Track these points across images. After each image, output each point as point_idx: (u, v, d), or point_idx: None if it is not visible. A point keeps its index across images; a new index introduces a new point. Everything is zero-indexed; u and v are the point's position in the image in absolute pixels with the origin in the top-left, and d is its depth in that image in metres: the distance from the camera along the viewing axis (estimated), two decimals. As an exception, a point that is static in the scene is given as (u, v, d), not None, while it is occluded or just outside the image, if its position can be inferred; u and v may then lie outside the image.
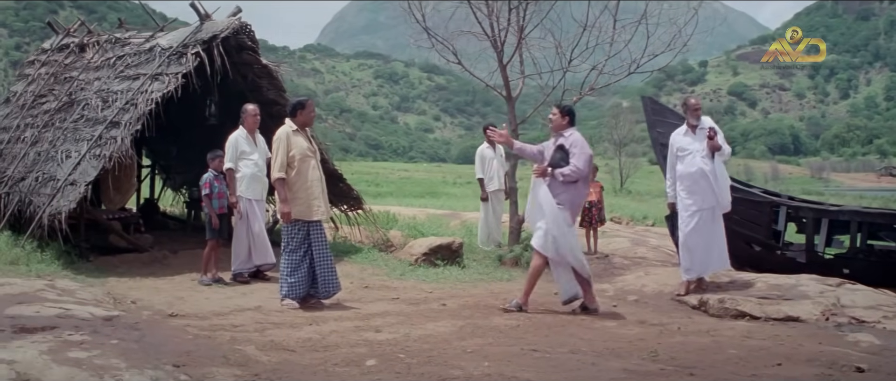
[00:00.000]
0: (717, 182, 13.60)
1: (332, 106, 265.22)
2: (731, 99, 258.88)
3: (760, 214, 17.85)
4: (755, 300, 12.66)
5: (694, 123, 13.92)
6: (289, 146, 12.30)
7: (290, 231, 12.42)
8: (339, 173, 18.96)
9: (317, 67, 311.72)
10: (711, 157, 13.60)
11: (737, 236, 17.83)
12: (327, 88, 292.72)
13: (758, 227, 17.90)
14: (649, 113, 18.34)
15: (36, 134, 18.17)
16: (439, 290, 14.52)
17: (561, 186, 12.29)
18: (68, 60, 20.12)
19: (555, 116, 12.67)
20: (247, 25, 16.85)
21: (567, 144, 12.34)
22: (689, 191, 13.77)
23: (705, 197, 13.63)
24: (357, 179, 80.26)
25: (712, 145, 13.48)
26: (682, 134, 14.12)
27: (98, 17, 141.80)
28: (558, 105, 13.14)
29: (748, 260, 18.12)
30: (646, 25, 18.31)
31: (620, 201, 54.57)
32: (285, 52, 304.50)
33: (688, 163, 13.78)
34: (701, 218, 13.70)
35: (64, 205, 15.01)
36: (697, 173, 13.57)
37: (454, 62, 19.47)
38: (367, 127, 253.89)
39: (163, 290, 13.73)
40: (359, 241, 19.48)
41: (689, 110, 14.10)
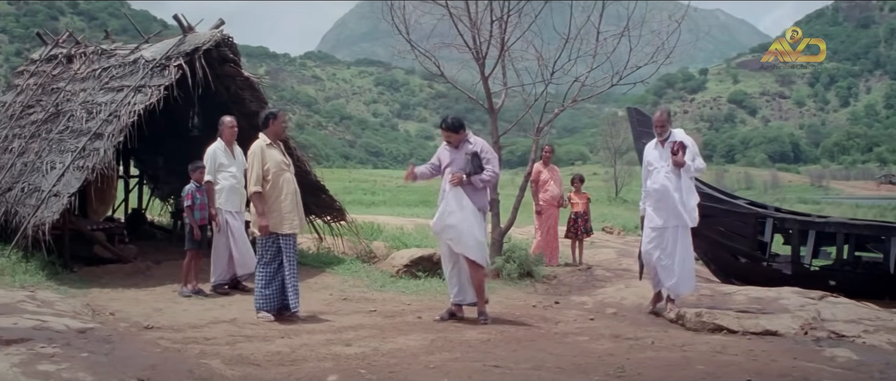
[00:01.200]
0: (683, 199, 13.22)
1: (333, 113, 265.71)
2: (731, 107, 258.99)
3: (745, 225, 17.98)
4: (733, 314, 12.65)
5: (660, 137, 13.61)
6: (263, 160, 12.35)
7: (264, 244, 12.50)
8: (321, 184, 19.05)
9: (317, 75, 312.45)
10: (678, 172, 13.22)
11: (722, 248, 18.24)
12: (328, 96, 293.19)
13: (743, 238, 18.01)
14: (635, 124, 18.33)
15: (23, 145, 18.27)
16: (418, 302, 14.58)
17: (479, 193, 12.66)
18: (56, 71, 20.21)
19: (449, 135, 12.92)
20: (228, 38, 17.01)
21: (478, 149, 12.60)
22: (654, 208, 13.53)
23: (670, 214, 13.30)
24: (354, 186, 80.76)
25: (676, 161, 13.11)
26: (652, 147, 13.83)
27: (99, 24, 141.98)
28: (444, 125, 13.09)
29: (734, 272, 18.40)
30: (628, 37, 18.33)
31: (614, 210, 54.72)
32: (286, 60, 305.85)
33: (653, 179, 13.52)
34: (665, 236, 13.40)
35: (47, 216, 15.08)
36: (661, 190, 13.32)
37: (437, 74, 19.49)
38: (368, 134, 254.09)
39: (143, 301, 13.79)
40: (342, 252, 19.59)
41: (654, 125, 13.85)
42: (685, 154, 13.11)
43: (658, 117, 13.73)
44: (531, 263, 17.32)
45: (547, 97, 19.07)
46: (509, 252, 17.24)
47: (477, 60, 18.50)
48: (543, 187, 19.92)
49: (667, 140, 13.43)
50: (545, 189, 19.88)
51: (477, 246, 12.60)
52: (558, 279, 17.25)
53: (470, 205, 12.47)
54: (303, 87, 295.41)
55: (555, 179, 20.02)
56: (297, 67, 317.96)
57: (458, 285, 12.90)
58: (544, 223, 19.73)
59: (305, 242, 20.21)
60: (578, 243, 20.28)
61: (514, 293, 15.88)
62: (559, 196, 20.01)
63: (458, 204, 12.43)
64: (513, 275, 16.85)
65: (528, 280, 16.93)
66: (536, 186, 19.99)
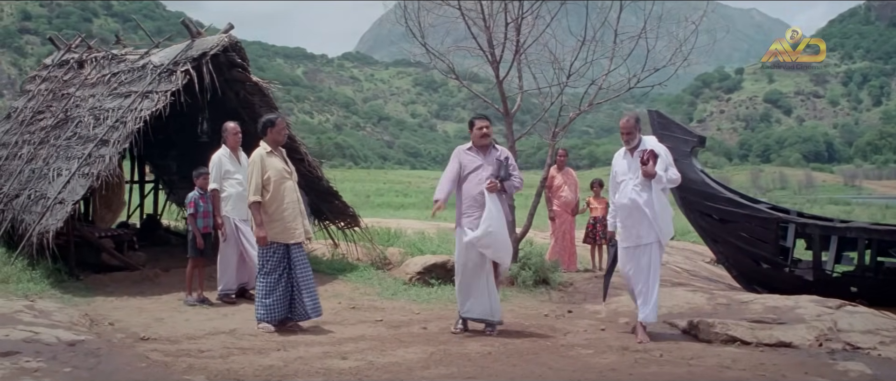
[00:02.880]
0: (655, 214, 11.93)
1: (371, 114, 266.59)
2: (766, 106, 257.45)
3: (767, 230, 17.63)
4: (747, 325, 12.17)
5: (628, 145, 12.27)
6: (263, 169, 12.13)
7: (265, 254, 12.26)
8: (333, 190, 18.83)
9: (355, 75, 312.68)
10: (649, 184, 11.91)
11: (744, 254, 17.98)
12: (366, 96, 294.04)
13: (765, 244, 17.69)
14: (656, 127, 18.14)
15: (32, 151, 18.21)
16: (427, 311, 14.31)
17: (504, 200, 12.37)
18: (67, 77, 20.14)
19: (488, 128, 12.42)
20: (236, 42, 16.72)
21: (503, 156, 12.29)
22: (624, 224, 12.28)
23: (640, 232, 12.07)
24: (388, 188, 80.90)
25: (646, 171, 11.78)
26: (620, 157, 12.48)
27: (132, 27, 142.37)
28: (485, 116, 12.64)
29: (756, 278, 18.10)
30: (646, 39, 17.97)
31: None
32: (324, 61, 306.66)
33: (622, 191, 12.22)
34: (637, 256, 12.18)
35: (51, 224, 14.95)
36: (631, 205, 12.03)
37: (452, 77, 19.22)
38: (406, 135, 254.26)
39: (146, 310, 13.65)
40: (357, 258, 19.29)
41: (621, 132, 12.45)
42: (656, 164, 11.82)
43: (625, 123, 12.33)
44: (547, 270, 16.97)
45: (563, 100, 18.70)
46: (525, 259, 16.88)
47: (491, 63, 18.20)
48: (557, 193, 19.60)
49: (636, 149, 12.12)
50: (559, 194, 19.56)
51: (509, 252, 12.48)
52: (574, 287, 16.86)
53: (503, 211, 12.14)
54: (341, 87, 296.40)
55: (569, 183, 19.64)
56: (334, 68, 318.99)
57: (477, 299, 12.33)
58: (559, 229, 19.42)
59: (319, 248, 20.04)
60: (598, 248, 19.89)
61: (528, 302, 15.53)
62: (574, 202, 19.67)
63: (497, 210, 11.99)
64: (528, 282, 16.48)
65: (543, 288, 16.57)
66: (550, 191, 19.65)
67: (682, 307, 14.25)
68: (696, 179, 18.26)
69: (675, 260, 22.45)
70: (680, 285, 17.24)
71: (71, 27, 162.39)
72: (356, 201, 56.33)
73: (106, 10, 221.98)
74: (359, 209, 19.57)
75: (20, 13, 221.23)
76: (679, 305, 14.40)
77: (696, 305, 14.32)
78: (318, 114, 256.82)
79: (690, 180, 18.00)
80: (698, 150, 18.68)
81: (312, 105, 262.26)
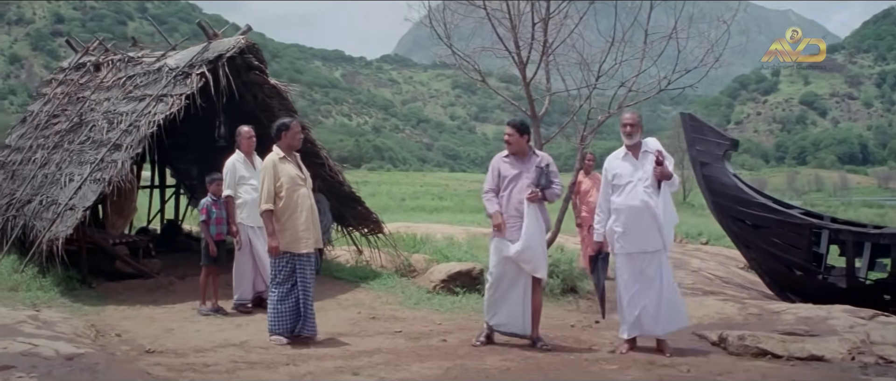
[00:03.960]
0: (663, 219, 11.30)
1: (410, 116, 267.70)
2: (802, 108, 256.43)
3: (800, 236, 17.14)
4: (778, 337, 11.62)
5: (628, 142, 11.58)
6: (275, 175, 11.68)
7: (277, 264, 11.80)
8: (356, 195, 18.40)
9: (394, 78, 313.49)
10: (657, 187, 11.33)
11: (777, 260, 17.55)
12: (405, 99, 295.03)
13: (798, 250, 17.22)
14: (688, 130, 17.93)
15: (46, 155, 17.96)
16: (449, 322, 13.83)
17: (544, 208, 11.73)
18: (83, 80, 19.85)
19: (513, 135, 11.74)
20: (253, 44, 16.35)
21: (543, 163, 11.63)
22: (627, 228, 11.41)
23: (647, 237, 11.30)
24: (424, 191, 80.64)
25: (660, 172, 11.17)
26: (619, 158, 11.69)
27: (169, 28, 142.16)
28: (514, 124, 11.87)
29: (789, 285, 17.66)
30: (676, 39, 17.52)
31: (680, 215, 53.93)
32: (362, 63, 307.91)
33: (629, 193, 11.39)
34: (643, 265, 11.42)
35: (61, 230, 14.60)
36: (641, 207, 11.23)
37: (478, 79, 18.82)
38: (445, 137, 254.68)
39: (157, 320, 13.26)
40: (381, 265, 18.78)
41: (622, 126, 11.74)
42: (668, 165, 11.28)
43: (631, 116, 11.71)
44: (575, 278, 16.56)
45: (592, 103, 18.26)
46: (553, 267, 16.35)
47: (518, 64, 17.78)
48: (585, 198, 19.00)
49: (639, 149, 11.49)
50: (586, 200, 18.91)
51: (545, 263, 11.95)
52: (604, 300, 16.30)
53: (542, 222, 11.60)
54: (379, 90, 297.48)
55: (598, 188, 19.08)
56: (373, 71, 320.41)
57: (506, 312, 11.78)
58: (587, 235, 18.86)
59: (343, 255, 19.67)
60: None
61: (554, 311, 14.93)
62: (601, 207, 19.09)
63: (537, 221, 11.48)
64: (556, 291, 16.01)
65: (571, 296, 16.18)
66: (578, 196, 19.17)
67: (712, 317, 13.91)
68: (729, 184, 17.88)
69: (709, 266, 21.98)
70: (711, 294, 17.04)
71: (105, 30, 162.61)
72: (390, 204, 56.43)
73: (141, 12, 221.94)
74: (392, 213, 19.28)
75: (53, 16, 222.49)
76: (710, 315, 14.05)
77: (727, 315, 13.95)
78: (356, 116, 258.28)
79: (723, 185, 17.80)
80: (731, 153, 18.22)
81: (351, 107, 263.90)
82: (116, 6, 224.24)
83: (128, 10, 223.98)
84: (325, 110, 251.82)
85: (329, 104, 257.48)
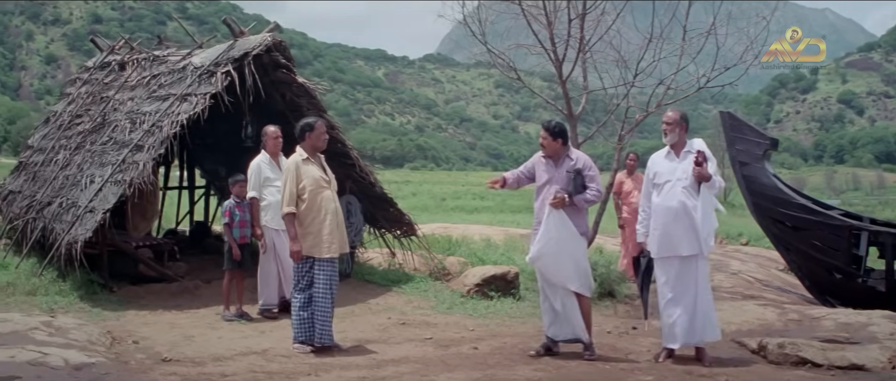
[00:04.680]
0: (701, 223, 10.82)
1: (453, 115, 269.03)
2: (840, 107, 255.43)
3: (839, 238, 16.69)
4: (818, 345, 11.23)
5: (665, 141, 11.26)
6: (298, 177, 11.22)
7: (300, 269, 11.34)
8: (388, 197, 17.88)
9: (437, 77, 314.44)
10: (697, 188, 10.87)
11: (816, 263, 17.08)
12: (447, 98, 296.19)
13: (837, 253, 16.73)
14: (728, 129, 17.55)
15: (67, 156, 17.64)
16: (482, 328, 13.36)
17: (580, 215, 11.18)
18: (108, 79, 19.55)
19: (546, 139, 11.26)
20: (280, 42, 15.90)
21: (581, 166, 11.09)
22: (664, 231, 10.99)
23: (684, 241, 10.85)
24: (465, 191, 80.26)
25: (698, 173, 10.71)
26: (662, 156, 11.33)
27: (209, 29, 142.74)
28: (546, 126, 11.38)
29: (829, 289, 17.19)
30: (715, 36, 17.04)
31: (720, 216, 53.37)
32: (405, 62, 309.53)
33: (667, 194, 11.00)
34: (679, 270, 10.98)
35: (80, 233, 14.21)
36: (678, 209, 10.83)
37: (513, 77, 18.38)
38: (488, 136, 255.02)
39: (178, 326, 12.87)
40: (414, 269, 18.30)
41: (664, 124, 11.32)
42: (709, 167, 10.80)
43: (670, 114, 11.25)
44: (613, 281, 16.09)
45: (630, 101, 17.79)
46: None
47: (554, 62, 17.33)
48: (627, 199, 18.59)
49: (682, 149, 11.11)
50: (628, 201, 18.50)
51: (578, 274, 11.16)
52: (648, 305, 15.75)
53: (572, 229, 11.03)
54: (422, 89, 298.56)
55: (639, 189, 18.60)
56: (416, 70, 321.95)
57: (552, 320, 11.39)
58: (629, 238, 18.39)
59: (375, 257, 19.22)
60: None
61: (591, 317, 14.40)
62: (643, 208, 18.57)
63: (557, 229, 10.97)
64: (593, 295, 15.43)
65: (608, 301, 15.73)
66: (619, 197, 18.72)
67: (752, 324, 13.52)
68: (769, 185, 17.45)
69: (749, 268, 21.52)
70: (751, 298, 16.59)
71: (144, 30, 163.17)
72: (430, 203, 56.26)
73: (180, 12, 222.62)
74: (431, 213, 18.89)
75: (90, 16, 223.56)
76: (749, 321, 13.66)
77: (767, 321, 13.59)
78: (399, 116, 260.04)
79: (763, 186, 17.40)
80: (771, 153, 17.71)
81: (393, 107, 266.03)
82: (156, 6, 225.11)
83: (167, 10, 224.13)
84: (368, 110, 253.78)
85: (372, 104, 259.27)
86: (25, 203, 17.81)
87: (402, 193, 63.82)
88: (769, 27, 18.02)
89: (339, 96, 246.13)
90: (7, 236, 18.42)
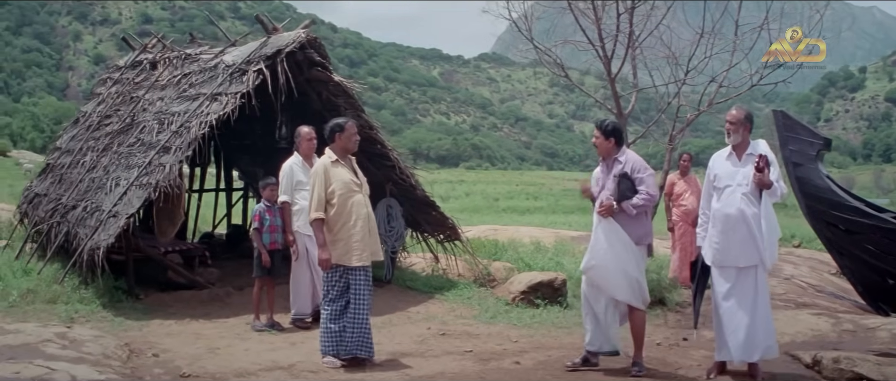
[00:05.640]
0: (761, 231, 10.05)
1: (508, 115, 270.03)
2: (888, 105, 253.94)
3: (893, 242, 15.97)
4: (874, 359, 10.60)
5: (728, 141, 10.47)
6: (327, 181, 10.56)
7: (330, 279, 10.71)
8: (430, 200, 17.24)
9: (492, 76, 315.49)
10: (758, 194, 10.10)
11: (870, 268, 16.43)
12: (503, 97, 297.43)
13: (891, 258, 16.03)
14: (780, 129, 16.79)
15: (94, 158, 17.18)
16: (526, 338, 12.68)
17: (635, 221, 10.36)
18: (138, 79, 19.05)
19: (598, 139, 10.62)
20: (315, 39, 15.33)
21: (629, 169, 10.36)
22: (722, 238, 10.31)
23: (743, 251, 10.14)
24: (519, 191, 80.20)
25: (759, 180, 9.95)
26: (723, 158, 10.60)
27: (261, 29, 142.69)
28: (599, 125, 10.71)
29: (882, 295, 16.51)
30: (768, 31, 16.36)
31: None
32: (460, 61, 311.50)
33: (726, 199, 10.29)
34: (737, 281, 10.27)
35: (103, 239, 13.70)
36: (737, 217, 10.12)
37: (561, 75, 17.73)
38: (543, 135, 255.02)
39: (203, 337, 12.31)
40: (458, 274, 17.68)
41: (727, 123, 10.48)
42: (770, 172, 10.00)
43: (734, 113, 10.43)
44: (664, 289, 15.36)
45: (681, 99, 17.12)
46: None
47: (602, 59, 16.68)
48: (678, 201, 17.91)
49: (745, 151, 10.34)
50: (679, 203, 17.87)
51: (630, 286, 10.41)
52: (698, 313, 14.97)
53: (624, 237, 10.30)
54: (477, 88, 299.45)
55: (694, 191, 17.87)
56: (471, 69, 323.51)
57: (593, 329, 10.70)
58: (679, 241, 17.74)
59: (418, 263, 18.68)
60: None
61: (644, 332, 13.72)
62: (696, 211, 17.71)
63: (607, 238, 10.32)
64: (644, 306, 14.81)
65: (658, 309, 14.88)
66: (670, 199, 18.06)
67: (805, 334, 13.01)
68: (822, 187, 16.73)
69: (801, 272, 20.77)
70: (804, 307, 16.06)
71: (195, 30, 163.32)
72: (483, 204, 55.95)
73: (233, 12, 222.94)
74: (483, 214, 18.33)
75: (140, 16, 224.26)
76: (802, 332, 13.13)
77: (821, 332, 13.10)
78: (454, 115, 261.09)
79: (816, 187, 16.67)
80: (824, 153, 17.05)
81: (449, 106, 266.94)
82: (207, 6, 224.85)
83: (219, 10, 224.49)
84: (423, 109, 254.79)
85: (427, 103, 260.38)
86: (51, 207, 17.38)
87: (455, 192, 63.53)
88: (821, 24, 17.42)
89: (395, 96, 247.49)
90: (32, 241, 17.95)
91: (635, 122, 18.02)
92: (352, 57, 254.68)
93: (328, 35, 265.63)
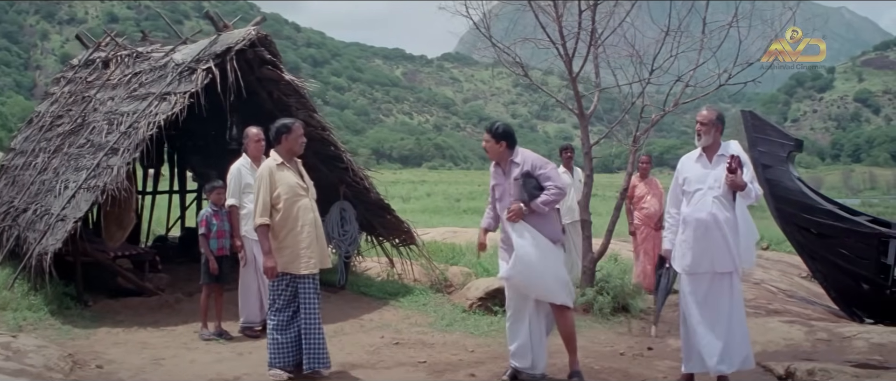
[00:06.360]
0: (735, 236, 9.71)
1: (471, 115, 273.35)
2: (856, 106, 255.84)
3: (867, 247, 15.88)
4: (851, 372, 10.29)
5: (697, 143, 10.07)
6: (272, 185, 10.15)
7: (276, 287, 10.28)
8: (385, 203, 16.91)
9: (455, 76, 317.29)
10: (732, 197, 9.74)
11: (843, 273, 16.37)
12: (466, 97, 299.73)
13: (865, 262, 15.94)
14: (749, 129, 16.94)
15: (46, 160, 16.82)
16: (483, 348, 12.32)
17: (548, 220, 10.05)
18: (91, 78, 18.62)
19: (488, 142, 10.36)
20: (265, 36, 14.91)
21: (530, 167, 10.02)
22: (693, 244, 9.84)
23: (716, 257, 9.70)
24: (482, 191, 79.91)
25: (732, 182, 9.49)
26: (692, 160, 10.18)
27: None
28: (488, 128, 10.48)
29: (855, 300, 16.55)
30: (737, 28, 16.00)
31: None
32: (423, 61, 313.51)
33: (697, 204, 9.84)
34: (710, 288, 9.82)
35: (51, 243, 13.32)
36: (709, 221, 9.69)
37: (521, 75, 17.37)
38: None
39: (149, 347, 11.93)
40: (414, 280, 17.28)
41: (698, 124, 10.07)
42: (744, 174, 9.58)
43: (704, 114, 10.00)
44: (627, 295, 14.98)
45: (645, 99, 16.73)
46: (602, 283, 14.92)
47: (563, 57, 16.29)
48: (639, 204, 17.71)
49: (716, 153, 9.91)
50: (641, 206, 17.67)
51: (562, 286, 10.03)
52: (659, 315, 14.55)
53: (542, 239, 9.90)
54: (440, 88, 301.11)
55: (655, 193, 17.57)
56: (434, 69, 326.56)
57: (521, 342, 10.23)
58: (641, 245, 17.45)
59: (373, 267, 18.28)
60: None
61: (602, 335, 13.46)
62: (658, 214, 17.40)
63: (525, 242, 9.89)
64: (605, 310, 14.46)
65: (622, 316, 14.58)
66: (631, 202, 17.75)
67: (777, 344, 12.62)
68: (793, 189, 16.75)
69: (771, 277, 20.54)
70: (775, 313, 15.74)
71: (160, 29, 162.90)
72: (444, 205, 55.69)
73: (197, 11, 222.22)
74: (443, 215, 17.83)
75: (106, 15, 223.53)
76: (775, 341, 12.77)
77: (794, 341, 12.73)
78: (417, 115, 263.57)
79: (787, 190, 16.68)
80: (795, 155, 16.82)
81: (412, 106, 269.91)
82: (172, 5, 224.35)
83: (184, 9, 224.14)
84: (386, 109, 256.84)
85: (390, 103, 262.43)
86: (3, 209, 17.13)
87: (417, 193, 63.37)
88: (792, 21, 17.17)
89: (357, 95, 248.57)
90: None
91: (598, 122, 17.69)
92: (315, 56, 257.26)
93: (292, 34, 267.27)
